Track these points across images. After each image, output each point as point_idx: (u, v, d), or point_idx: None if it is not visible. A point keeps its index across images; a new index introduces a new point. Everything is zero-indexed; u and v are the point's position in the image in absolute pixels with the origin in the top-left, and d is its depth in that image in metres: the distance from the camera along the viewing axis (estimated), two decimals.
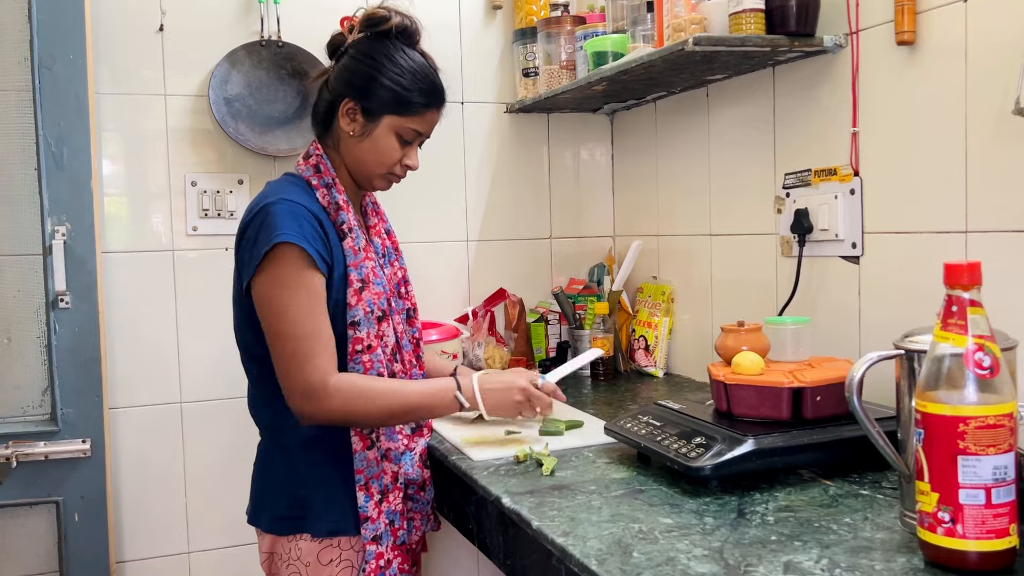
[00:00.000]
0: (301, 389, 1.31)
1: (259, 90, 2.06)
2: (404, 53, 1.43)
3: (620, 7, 1.92)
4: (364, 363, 1.37)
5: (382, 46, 1.42)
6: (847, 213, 1.56)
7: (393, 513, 1.40)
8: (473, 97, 2.29)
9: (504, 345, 2.17)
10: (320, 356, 1.30)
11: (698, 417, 1.29)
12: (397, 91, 1.40)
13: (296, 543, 1.38)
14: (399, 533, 1.41)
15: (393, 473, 1.40)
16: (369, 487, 1.38)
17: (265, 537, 1.43)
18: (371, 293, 1.38)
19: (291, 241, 1.29)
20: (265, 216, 1.32)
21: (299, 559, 1.37)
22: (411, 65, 1.42)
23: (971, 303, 0.87)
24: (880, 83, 1.48)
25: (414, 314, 1.56)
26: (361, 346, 1.37)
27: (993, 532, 0.84)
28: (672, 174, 2.15)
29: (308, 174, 1.42)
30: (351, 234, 1.38)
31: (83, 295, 1.89)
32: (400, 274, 1.55)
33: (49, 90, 1.86)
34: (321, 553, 1.37)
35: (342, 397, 1.30)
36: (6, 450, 1.85)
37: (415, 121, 1.43)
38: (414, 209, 2.21)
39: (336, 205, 1.39)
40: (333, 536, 1.38)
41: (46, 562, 1.94)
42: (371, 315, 1.38)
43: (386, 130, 1.42)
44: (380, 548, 1.37)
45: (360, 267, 1.38)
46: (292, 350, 1.30)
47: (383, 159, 1.43)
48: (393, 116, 1.41)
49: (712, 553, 0.96)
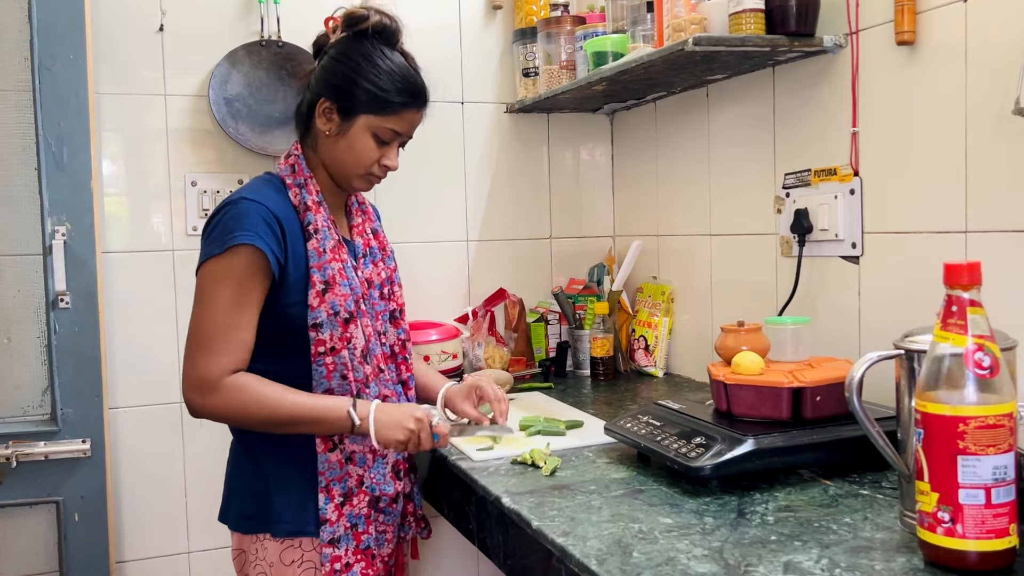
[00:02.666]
0: (193, 380, 1.30)
1: (259, 90, 2.06)
2: (382, 53, 1.42)
3: (620, 7, 1.92)
4: (327, 365, 1.36)
5: (360, 46, 1.42)
6: (847, 213, 1.56)
7: (356, 517, 1.38)
8: (473, 97, 2.29)
9: (504, 345, 2.17)
10: (222, 352, 1.29)
11: (698, 417, 1.29)
12: (373, 90, 1.39)
13: (261, 543, 1.38)
14: (363, 538, 1.39)
15: (359, 476, 1.38)
16: (330, 489, 1.36)
17: (234, 535, 1.44)
18: (336, 295, 1.36)
19: (247, 243, 1.30)
20: (225, 215, 1.33)
21: (264, 559, 1.38)
22: (388, 65, 1.41)
23: (971, 303, 0.87)
24: (880, 83, 1.48)
25: (400, 315, 1.53)
26: (324, 348, 1.35)
27: (993, 532, 0.84)
28: (672, 174, 2.15)
29: (284, 173, 1.43)
30: (316, 235, 1.37)
31: (83, 295, 1.89)
32: (385, 274, 1.52)
33: (49, 90, 1.86)
34: (283, 553, 1.37)
35: (227, 396, 1.29)
36: (6, 450, 1.85)
37: (392, 121, 1.41)
38: (414, 209, 2.21)
39: (305, 205, 1.39)
40: (293, 536, 1.37)
41: (46, 562, 1.94)
42: (335, 317, 1.36)
43: (362, 129, 1.41)
44: (337, 551, 1.36)
45: (324, 268, 1.36)
46: (198, 340, 1.31)
47: (360, 159, 1.42)
48: (369, 115, 1.40)
49: (712, 553, 0.96)
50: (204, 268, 1.33)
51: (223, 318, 1.30)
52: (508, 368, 2.11)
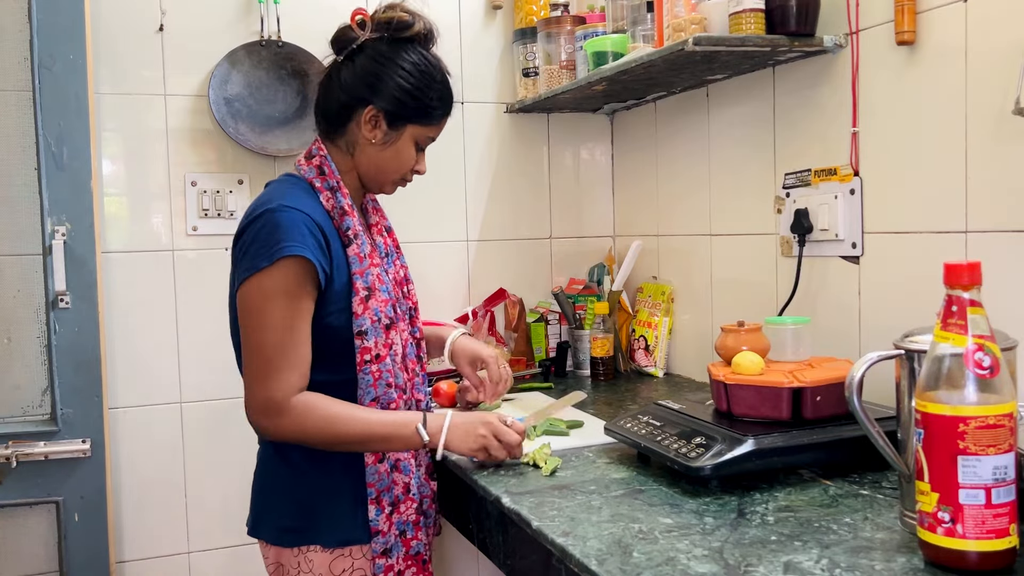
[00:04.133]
0: (260, 403, 1.28)
1: (259, 90, 2.06)
2: (426, 60, 1.40)
3: (620, 7, 1.92)
4: (373, 373, 1.33)
5: (405, 52, 1.38)
6: (847, 213, 1.56)
7: (405, 524, 1.36)
8: (473, 97, 2.29)
9: (504, 345, 2.17)
10: (286, 371, 1.26)
11: (698, 417, 1.29)
12: (423, 100, 1.38)
13: (306, 555, 1.34)
14: (412, 543, 1.37)
15: (404, 484, 1.36)
16: (380, 500, 1.34)
17: (270, 548, 1.38)
18: (378, 301, 1.34)
19: (297, 254, 1.26)
20: (265, 223, 1.27)
21: (311, 571, 1.34)
22: (433, 73, 1.40)
23: (971, 303, 0.87)
24: (880, 83, 1.48)
25: (415, 314, 1.52)
26: (370, 356, 1.32)
27: (993, 532, 0.84)
28: (672, 174, 2.15)
29: (311, 175, 1.38)
30: (356, 240, 1.34)
31: (83, 295, 1.89)
32: (402, 273, 1.51)
33: (49, 90, 1.86)
34: (333, 563, 1.34)
35: (298, 417, 1.27)
36: (6, 450, 1.85)
37: (434, 129, 1.42)
38: (414, 209, 2.21)
39: (341, 210, 1.35)
40: (345, 546, 1.34)
41: (46, 562, 1.94)
42: (379, 323, 1.34)
43: (408, 138, 1.40)
44: (390, 560, 1.34)
45: (366, 274, 1.34)
46: (259, 362, 1.27)
47: (400, 167, 1.42)
48: (416, 125, 1.40)
49: (712, 553, 0.96)
50: (251, 283, 1.27)
51: (281, 336, 1.26)
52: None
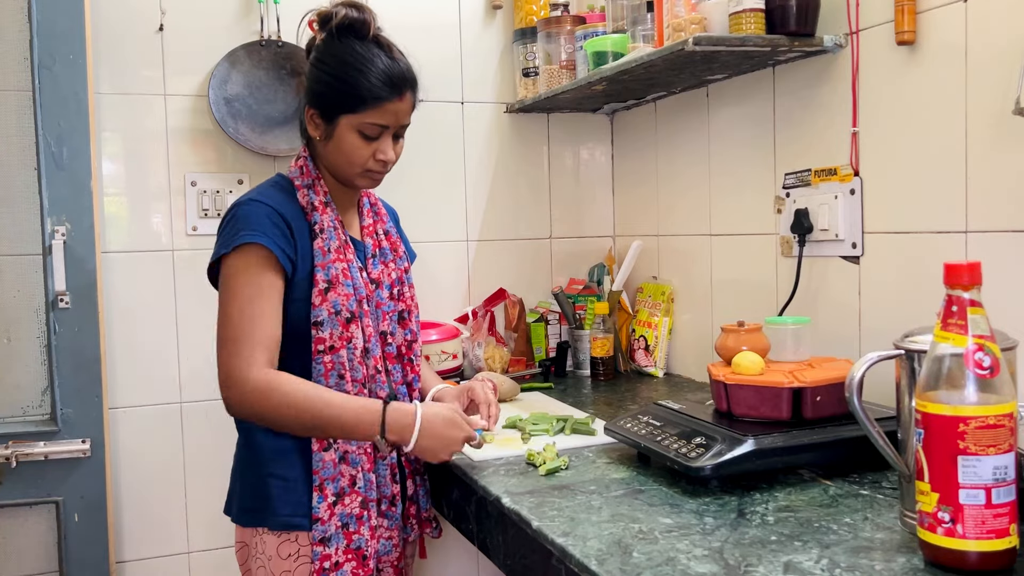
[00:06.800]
0: (222, 376, 1.32)
1: (259, 90, 2.06)
2: (352, 49, 1.38)
3: (620, 7, 1.91)
4: (325, 363, 1.37)
5: (331, 46, 1.40)
6: (847, 213, 1.56)
7: (348, 517, 1.37)
8: (473, 97, 2.29)
9: (504, 345, 2.17)
10: (247, 347, 1.31)
11: (698, 417, 1.29)
12: (343, 89, 1.37)
13: (260, 536, 1.39)
14: (355, 538, 1.37)
15: (351, 476, 1.38)
16: (324, 488, 1.36)
17: (236, 528, 1.46)
18: (338, 294, 1.38)
19: (253, 241, 1.33)
20: (232, 217, 1.38)
21: (263, 552, 1.39)
22: (354, 60, 1.37)
23: (971, 303, 0.87)
24: (880, 83, 1.48)
25: (408, 316, 1.52)
26: (323, 346, 1.37)
27: (993, 532, 0.84)
28: (672, 174, 2.15)
29: (295, 175, 1.46)
30: (322, 235, 1.40)
31: (83, 295, 1.89)
32: (395, 275, 1.52)
33: (49, 90, 1.86)
34: (280, 547, 1.38)
35: (259, 392, 1.30)
36: (6, 450, 1.85)
37: (372, 115, 1.38)
38: (414, 209, 2.21)
39: (312, 206, 1.42)
40: (289, 530, 1.37)
41: (46, 562, 1.94)
42: (336, 316, 1.37)
43: (345, 130, 1.39)
44: (328, 550, 1.35)
45: (328, 268, 1.38)
46: (227, 335, 1.33)
47: (351, 159, 1.41)
48: (348, 115, 1.38)
49: (712, 553, 0.96)
50: (215, 268, 1.38)
51: (240, 312, 1.33)
52: (508, 368, 2.11)
